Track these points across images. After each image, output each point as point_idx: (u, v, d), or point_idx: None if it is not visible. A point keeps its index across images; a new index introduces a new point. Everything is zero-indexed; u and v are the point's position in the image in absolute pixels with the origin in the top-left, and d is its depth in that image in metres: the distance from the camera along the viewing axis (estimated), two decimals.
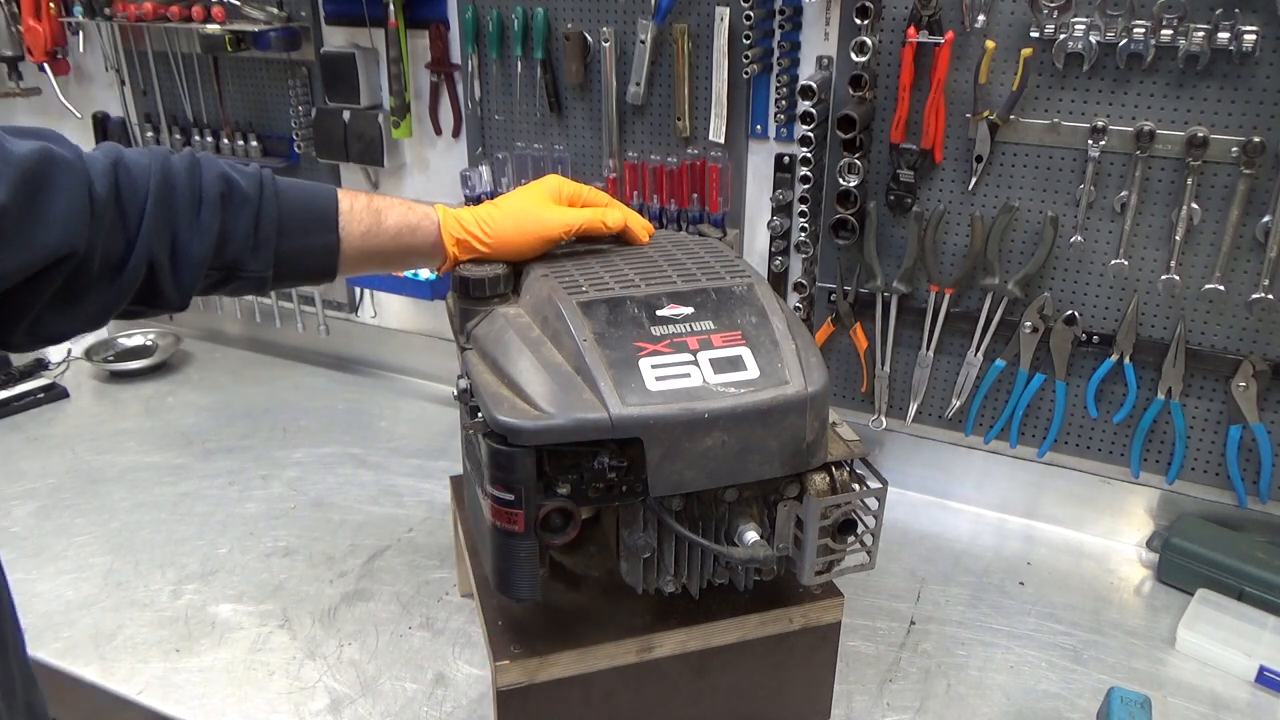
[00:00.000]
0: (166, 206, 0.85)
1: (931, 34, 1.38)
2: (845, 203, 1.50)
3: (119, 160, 0.84)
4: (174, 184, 0.86)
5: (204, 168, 0.89)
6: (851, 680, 1.24)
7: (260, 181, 0.92)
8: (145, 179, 0.84)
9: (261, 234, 0.91)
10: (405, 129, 1.86)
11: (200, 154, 0.90)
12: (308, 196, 0.95)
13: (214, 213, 0.88)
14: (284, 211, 0.92)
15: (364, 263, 1.00)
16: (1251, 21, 1.23)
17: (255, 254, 0.91)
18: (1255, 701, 1.21)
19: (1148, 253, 1.39)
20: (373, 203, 0.98)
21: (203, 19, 1.83)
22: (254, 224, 0.90)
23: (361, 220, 0.96)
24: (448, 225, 1.00)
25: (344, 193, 0.97)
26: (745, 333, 0.92)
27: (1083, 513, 1.56)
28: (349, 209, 0.96)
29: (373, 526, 1.57)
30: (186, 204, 0.86)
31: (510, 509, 0.86)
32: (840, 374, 1.68)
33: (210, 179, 0.88)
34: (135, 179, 0.84)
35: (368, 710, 1.19)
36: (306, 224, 0.94)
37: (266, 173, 0.94)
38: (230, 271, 0.91)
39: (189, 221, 0.86)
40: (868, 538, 0.97)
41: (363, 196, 0.98)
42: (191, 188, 0.87)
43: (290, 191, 0.94)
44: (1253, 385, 1.38)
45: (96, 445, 1.83)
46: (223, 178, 0.89)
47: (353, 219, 0.96)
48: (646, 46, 1.58)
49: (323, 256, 0.96)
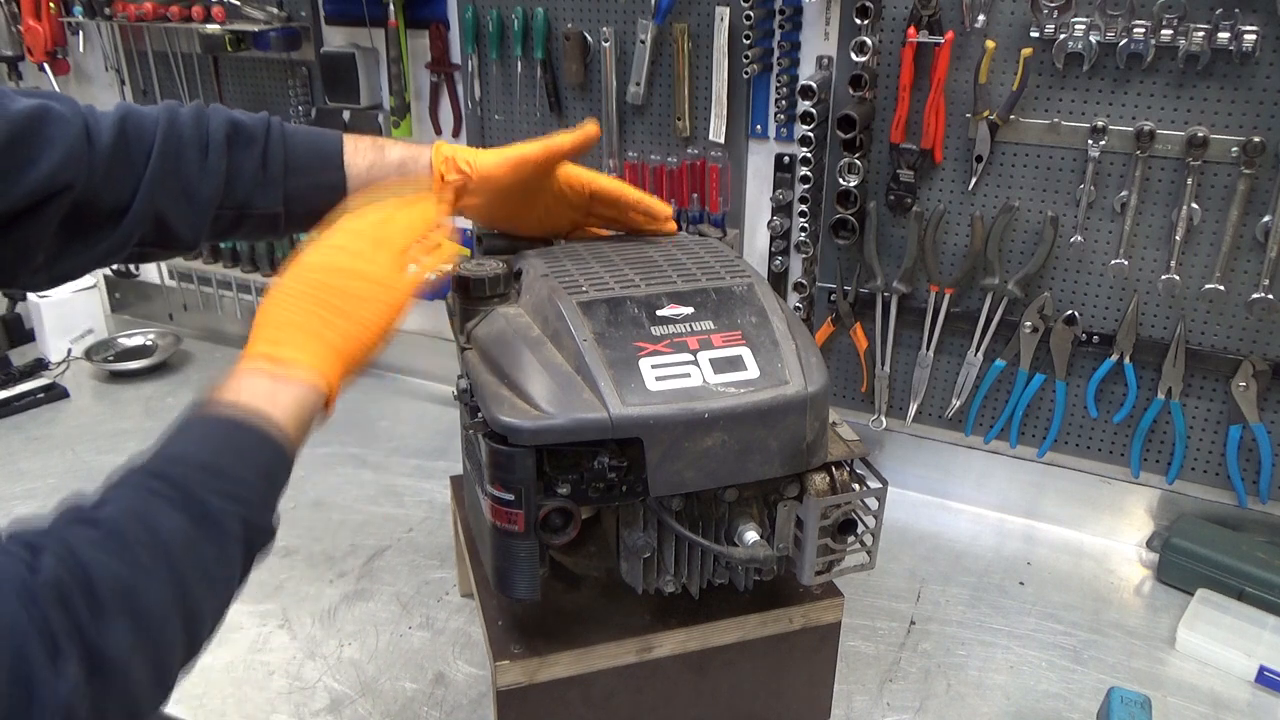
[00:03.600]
0: (173, 155, 0.90)
1: (931, 34, 1.38)
2: (845, 203, 1.50)
3: (128, 113, 0.90)
4: (180, 132, 0.91)
5: (210, 115, 0.94)
6: (851, 680, 1.24)
7: (268, 124, 0.97)
8: (153, 128, 0.90)
9: (269, 172, 0.95)
10: (405, 129, 1.86)
11: (210, 104, 0.96)
12: (314, 137, 1.00)
13: (220, 154, 0.92)
14: (290, 151, 0.97)
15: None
16: (1251, 21, 1.23)
17: (264, 191, 0.96)
18: (1255, 701, 1.22)
19: (1148, 253, 1.40)
20: (376, 140, 1.03)
21: (203, 19, 1.83)
22: (261, 162, 0.95)
23: (366, 155, 1.01)
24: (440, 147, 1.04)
25: (348, 135, 1.02)
26: (745, 333, 0.92)
27: (1083, 513, 1.56)
28: (353, 147, 1.01)
29: (373, 526, 1.57)
30: (193, 149, 0.91)
31: (510, 509, 0.86)
32: (840, 374, 1.68)
33: (216, 124, 0.93)
34: (144, 129, 0.89)
35: (368, 710, 1.19)
36: (312, 162, 0.98)
37: (275, 118, 0.98)
38: (242, 210, 0.96)
39: (197, 164, 0.91)
40: (868, 538, 0.97)
41: (365, 138, 1.03)
42: (199, 134, 0.92)
43: (297, 134, 0.99)
44: (1253, 385, 1.38)
45: (96, 445, 1.83)
46: (229, 121, 0.94)
47: (357, 155, 1.00)
48: (646, 46, 1.58)
49: (330, 193, 0.99)
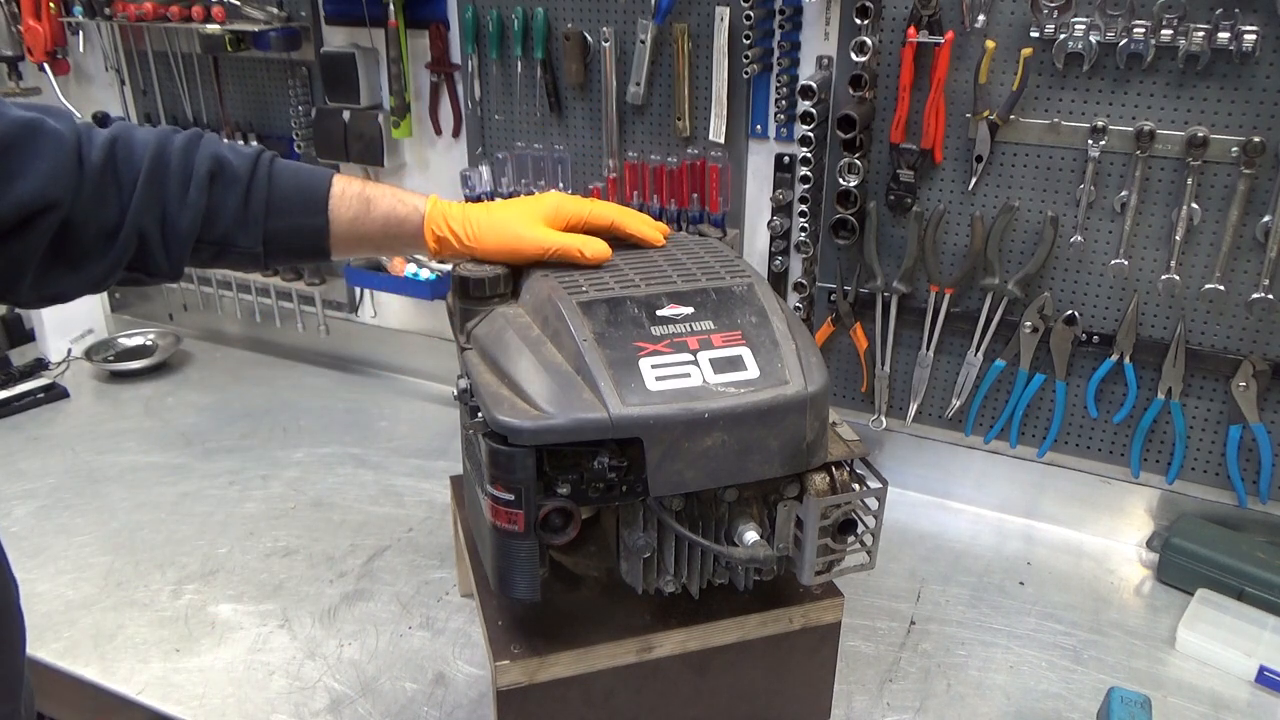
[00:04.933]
0: (157, 183, 0.90)
1: (931, 34, 1.38)
2: (845, 203, 1.50)
3: (121, 135, 0.89)
4: (167, 161, 0.90)
5: (199, 147, 0.93)
6: (851, 680, 1.24)
7: (255, 162, 0.96)
8: (142, 154, 0.89)
9: (250, 212, 0.95)
10: (405, 129, 1.86)
11: (204, 134, 0.95)
12: (301, 179, 0.99)
13: (201, 190, 0.92)
14: (274, 192, 0.96)
15: (355, 246, 1.03)
16: (1251, 21, 1.23)
17: (244, 230, 0.95)
18: (1255, 701, 1.21)
19: (1148, 253, 1.39)
20: (365, 190, 1.01)
21: (203, 19, 1.83)
22: (243, 201, 0.94)
23: (350, 206, 1.00)
24: (432, 221, 1.02)
25: (340, 178, 1.01)
26: (745, 333, 0.92)
27: (1083, 513, 1.56)
28: (340, 194, 0.99)
29: (373, 526, 1.57)
30: (177, 181, 0.91)
31: (510, 509, 0.86)
32: (840, 374, 1.68)
33: (203, 158, 0.92)
34: (134, 153, 0.89)
35: (368, 710, 1.19)
36: (295, 205, 0.98)
37: (266, 155, 0.97)
38: (222, 246, 0.95)
39: (178, 197, 0.91)
40: (868, 538, 0.97)
41: (356, 183, 1.01)
42: (184, 166, 0.91)
43: (284, 173, 0.98)
44: (1253, 385, 1.38)
45: (96, 445, 1.83)
46: (215, 157, 0.93)
47: (342, 204, 0.99)
48: (646, 46, 1.58)
49: (311, 237, 0.99)
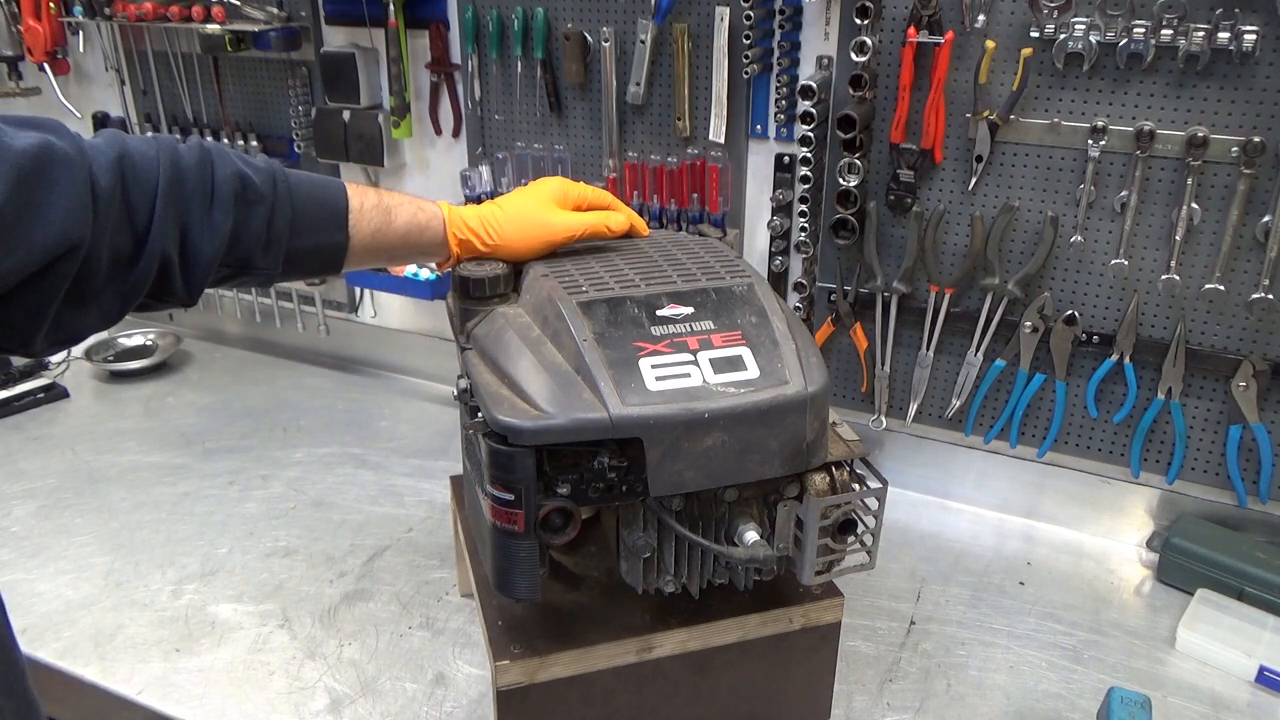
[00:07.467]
0: (177, 204, 0.83)
1: (931, 34, 1.38)
2: (845, 203, 1.50)
3: (124, 154, 0.80)
4: (184, 180, 0.83)
5: (216, 164, 0.86)
6: (851, 680, 1.24)
7: (274, 179, 0.90)
8: (154, 174, 0.81)
9: (274, 232, 0.90)
10: (405, 129, 1.86)
11: (210, 145, 0.88)
12: (319, 194, 0.94)
13: (227, 212, 0.86)
14: (297, 210, 0.91)
15: (369, 258, 1.00)
16: (1251, 21, 1.23)
17: (266, 252, 0.90)
18: (1255, 701, 1.21)
19: (1148, 253, 1.39)
20: (383, 201, 0.98)
21: (203, 19, 1.83)
22: (267, 223, 0.89)
23: (371, 220, 0.96)
24: (453, 225, 1.01)
25: (354, 189, 0.97)
26: (745, 333, 0.92)
27: (1083, 513, 1.56)
28: (359, 208, 0.96)
29: (373, 526, 1.57)
30: (198, 201, 0.84)
31: (510, 509, 0.86)
32: (840, 374, 1.68)
33: (224, 176, 0.86)
34: (142, 173, 0.81)
35: (368, 710, 1.19)
36: (318, 223, 0.94)
37: (278, 168, 0.92)
38: (240, 268, 0.90)
39: (201, 219, 0.84)
40: (868, 538, 0.97)
41: (372, 194, 0.98)
42: (203, 184, 0.85)
43: (301, 188, 0.93)
44: (1253, 385, 1.38)
45: (96, 445, 1.83)
46: (237, 176, 0.87)
47: (363, 218, 0.96)
48: (646, 46, 1.58)
49: (331, 253, 0.96)
